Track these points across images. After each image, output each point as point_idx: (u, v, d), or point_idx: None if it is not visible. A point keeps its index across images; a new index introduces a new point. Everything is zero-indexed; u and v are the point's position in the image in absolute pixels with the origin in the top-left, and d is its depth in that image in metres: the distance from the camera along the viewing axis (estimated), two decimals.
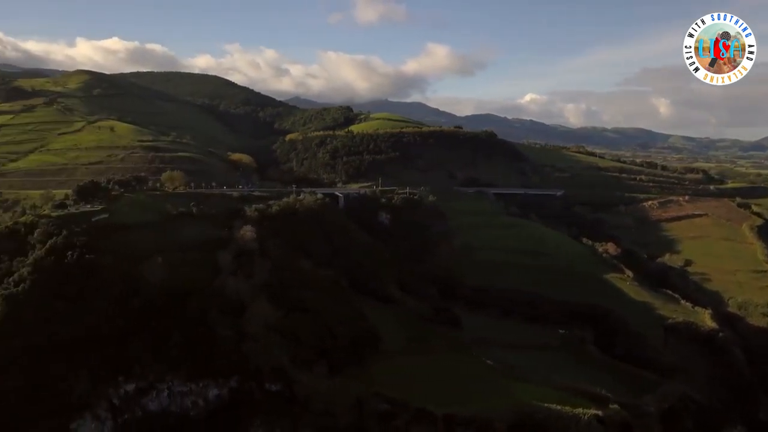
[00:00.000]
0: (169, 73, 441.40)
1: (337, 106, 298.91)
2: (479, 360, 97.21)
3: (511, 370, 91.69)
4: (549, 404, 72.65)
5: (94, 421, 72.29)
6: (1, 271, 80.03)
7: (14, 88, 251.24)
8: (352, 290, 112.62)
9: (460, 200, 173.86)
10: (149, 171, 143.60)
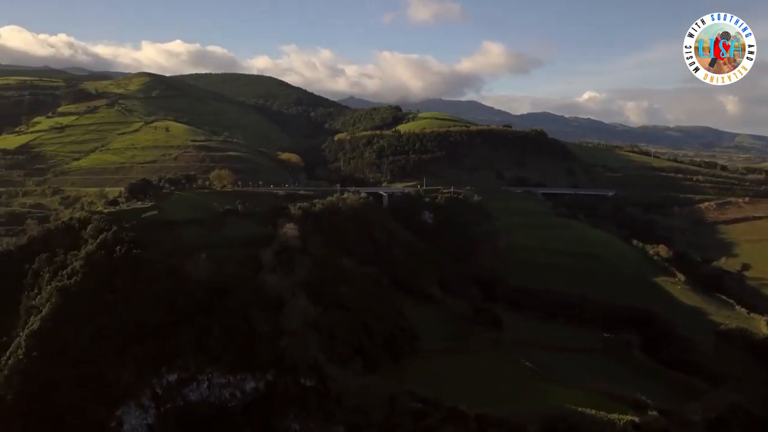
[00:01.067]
0: (225, 75, 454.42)
1: (386, 106, 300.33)
2: (518, 361, 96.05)
3: (549, 372, 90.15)
4: (584, 408, 71.04)
5: (138, 409, 75.53)
6: (56, 264, 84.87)
7: (80, 90, 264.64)
8: (393, 288, 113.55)
9: (506, 200, 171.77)
10: (200, 170, 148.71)
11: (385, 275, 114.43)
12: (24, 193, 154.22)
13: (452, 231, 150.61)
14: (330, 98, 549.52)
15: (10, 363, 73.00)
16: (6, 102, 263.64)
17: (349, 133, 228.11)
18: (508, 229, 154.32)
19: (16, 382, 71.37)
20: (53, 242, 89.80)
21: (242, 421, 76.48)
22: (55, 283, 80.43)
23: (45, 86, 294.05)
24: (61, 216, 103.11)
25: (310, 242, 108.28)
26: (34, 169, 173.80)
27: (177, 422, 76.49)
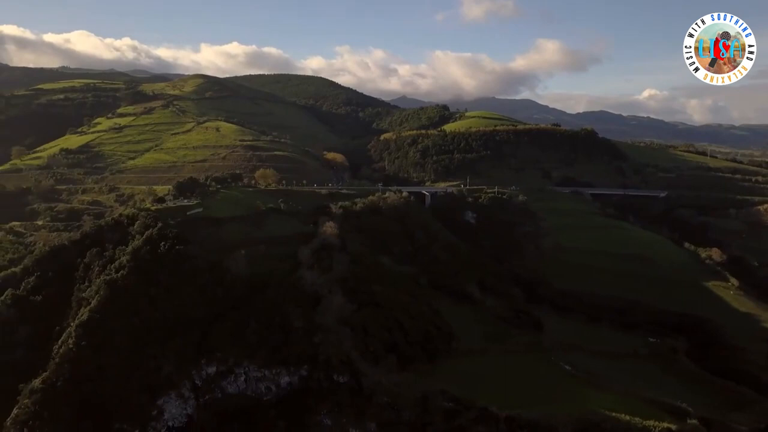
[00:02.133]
0: (279, 75, 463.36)
1: (434, 105, 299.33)
2: (556, 364, 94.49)
3: (588, 376, 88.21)
4: (619, 414, 69.36)
5: (178, 399, 78.19)
6: (105, 258, 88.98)
7: (138, 92, 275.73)
8: (431, 288, 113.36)
9: (553, 200, 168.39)
10: (247, 169, 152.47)
11: (424, 275, 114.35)
12: (83, 191, 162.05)
13: (495, 231, 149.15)
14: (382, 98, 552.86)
15: (61, 351, 77.01)
16: (71, 104, 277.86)
17: (395, 133, 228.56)
18: (553, 229, 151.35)
19: (66, 369, 75.18)
20: (103, 238, 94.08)
21: (276, 414, 78.03)
22: (104, 277, 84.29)
23: (107, 88, 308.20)
24: (114, 213, 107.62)
25: (349, 240, 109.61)
26: (93, 168, 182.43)
27: (215, 413, 78.80)
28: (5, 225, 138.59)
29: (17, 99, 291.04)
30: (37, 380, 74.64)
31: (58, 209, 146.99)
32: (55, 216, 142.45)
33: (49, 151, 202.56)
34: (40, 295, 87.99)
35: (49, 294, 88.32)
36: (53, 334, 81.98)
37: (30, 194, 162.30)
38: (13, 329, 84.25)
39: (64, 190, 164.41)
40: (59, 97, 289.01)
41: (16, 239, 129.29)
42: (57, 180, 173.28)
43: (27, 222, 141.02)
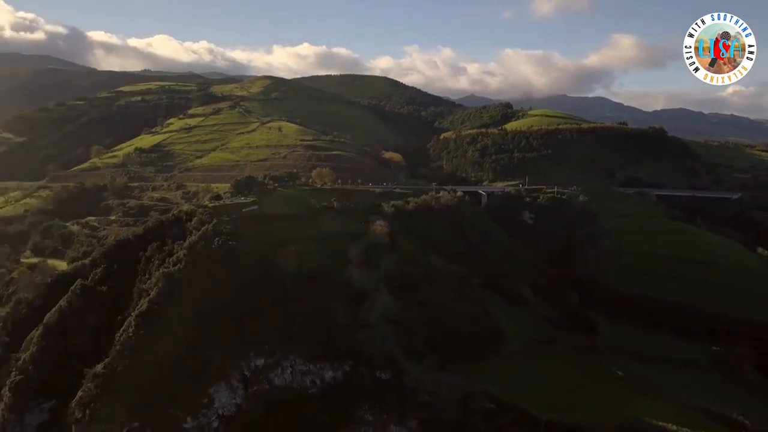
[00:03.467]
0: (344, 76, 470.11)
1: (497, 104, 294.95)
2: (607, 369, 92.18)
3: (639, 383, 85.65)
4: (666, 423, 66.98)
5: (228, 389, 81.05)
6: (164, 252, 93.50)
7: (208, 93, 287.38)
8: (483, 288, 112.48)
9: (615, 201, 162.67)
10: (305, 168, 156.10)
11: (476, 275, 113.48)
12: (153, 188, 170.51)
13: (553, 232, 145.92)
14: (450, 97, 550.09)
15: (122, 339, 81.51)
16: (147, 105, 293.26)
17: (455, 132, 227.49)
18: (614, 231, 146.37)
19: (125, 356, 79.45)
20: (164, 233, 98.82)
21: (320, 407, 79.77)
22: (162, 270, 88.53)
23: (180, 90, 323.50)
24: (174, 209, 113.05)
25: (399, 239, 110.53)
26: (164, 166, 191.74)
27: (262, 403, 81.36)
28: (82, 219, 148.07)
29: (99, 101, 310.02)
30: (100, 365, 79.08)
31: (130, 205, 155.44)
32: (127, 212, 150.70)
33: (125, 150, 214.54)
34: (106, 286, 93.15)
35: (114, 285, 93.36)
36: (116, 323, 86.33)
37: (105, 191, 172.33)
38: (81, 317, 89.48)
39: (136, 187, 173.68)
40: (137, 99, 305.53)
41: (91, 233, 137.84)
42: (130, 178, 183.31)
43: (101, 217, 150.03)
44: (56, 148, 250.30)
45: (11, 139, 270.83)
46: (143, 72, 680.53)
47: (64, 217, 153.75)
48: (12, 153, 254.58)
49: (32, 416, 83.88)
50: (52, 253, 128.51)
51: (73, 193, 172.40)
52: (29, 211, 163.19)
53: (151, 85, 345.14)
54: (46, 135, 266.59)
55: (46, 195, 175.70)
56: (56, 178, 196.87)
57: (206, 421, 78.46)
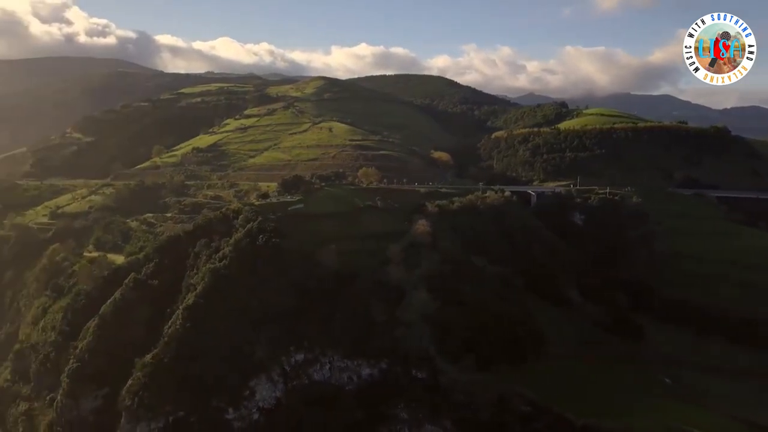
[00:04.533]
0: (399, 76, 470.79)
1: (552, 103, 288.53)
2: (653, 376, 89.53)
3: (688, 391, 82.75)
4: None
5: (268, 382, 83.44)
6: (211, 248, 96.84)
7: (264, 94, 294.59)
8: (526, 290, 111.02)
9: (671, 202, 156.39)
10: (353, 167, 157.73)
11: (520, 276, 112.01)
12: (208, 186, 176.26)
13: (604, 234, 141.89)
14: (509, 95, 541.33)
15: (169, 331, 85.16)
16: (206, 106, 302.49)
17: (507, 131, 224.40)
18: (669, 234, 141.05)
19: (172, 347, 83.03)
20: (212, 229, 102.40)
21: (356, 403, 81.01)
22: (209, 265, 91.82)
23: (238, 91, 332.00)
24: (222, 207, 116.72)
25: (441, 239, 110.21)
26: (219, 165, 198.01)
27: (301, 398, 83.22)
28: (141, 216, 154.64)
29: (162, 102, 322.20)
30: (149, 356, 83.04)
31: (185, 203, 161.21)
32: (182, 209, 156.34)
33: (183, 150, 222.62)
34: (157, 280, 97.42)
35: (164, 279, 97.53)
36: (165, 315, 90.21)
37: (164, 189, 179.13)
38: (133, 309, 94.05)
39: (192, 186, 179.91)
40: (197, 100, 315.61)
41: (148, 229, 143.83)
42: (187, 176, 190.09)
43: (158, 214, 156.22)
44: (121, 147, 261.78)
45: (81, 139, 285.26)
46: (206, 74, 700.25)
47: (125, 213, 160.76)
48: (81, 152, 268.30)
49: (87, 401, 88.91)
50: (112, 248, 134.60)
51: (134, 190, 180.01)
52: (93, 207, 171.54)
53: (211, 87, 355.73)
54: (113, 135, 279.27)
55: (110, 192, 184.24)
56: (119, 177, 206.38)
57: (247, 413, 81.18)
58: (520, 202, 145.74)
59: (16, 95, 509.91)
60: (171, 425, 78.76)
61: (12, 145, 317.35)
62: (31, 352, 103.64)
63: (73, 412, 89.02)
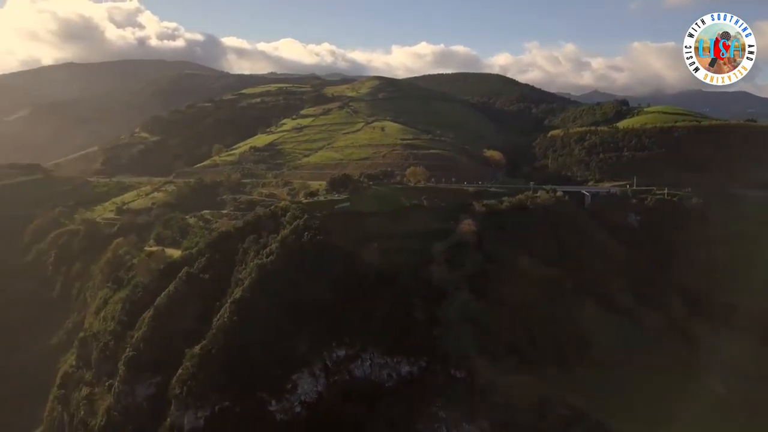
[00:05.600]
0: (456, 74, 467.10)
1: (612, 101, 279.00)
2: (705, 386, 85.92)
3: (739, 401, 79.14)
4: None
5: (310, 376, 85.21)
6: (259, 245, 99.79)
7: (321, 94, 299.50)
8: (575, 293, 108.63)
9: (735, 204, 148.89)
10: (403, 166, 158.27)
11: (569, 279, 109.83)
12: (263, 185, 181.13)
13: (660, 236, 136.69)
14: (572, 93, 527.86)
15: (217, 323, 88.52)
16: (266, 106, 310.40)
17: (563, 130, 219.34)
18: (731, 237, 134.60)
19: (219, 339, 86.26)
20: (261, 226, 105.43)
21: (395, 400, 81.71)
22: (257, 261, 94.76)
23: (296, 92, 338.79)
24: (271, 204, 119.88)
25: (487, 239, 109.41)
26: (274, 164, 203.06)
27: (342, 393, 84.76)
28: (198, 212, 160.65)
29: (224, 103, 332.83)
30: (197, 347, 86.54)
31: (240, 200, 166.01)
32: (237, 206, 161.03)
33: (241, 149, 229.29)
34: (208, 274, 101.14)
35: (215, 273, 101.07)
36: (214, 308, 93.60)
37: (221, 186, 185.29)
38: (185, 301, 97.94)
39: (248, 184, 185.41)
40: (257, 100, 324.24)
41: (204, 225, 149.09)
42: (243, 174, 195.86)
43: (215, 210, 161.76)
44: (184, 146, 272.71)
45: (147, 139, 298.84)
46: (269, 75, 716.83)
47: (185, 209, 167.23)
48: (147, 151, 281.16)
49: (141, 388, 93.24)
50: (171, 243, 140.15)
51: (194, 188, 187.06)
52: (155, 204, 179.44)
53: (271, 87, 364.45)
54: (177, 134, 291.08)
55: (171, 189, 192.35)
56: (181, 174, 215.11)
57: (289, 406, 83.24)
58: (573, 203, 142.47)
59: (93, 97, 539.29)
60: (217, 414, 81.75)
61: (88, 145, 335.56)
62: (92, 340, 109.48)
63: (129, 398, 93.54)
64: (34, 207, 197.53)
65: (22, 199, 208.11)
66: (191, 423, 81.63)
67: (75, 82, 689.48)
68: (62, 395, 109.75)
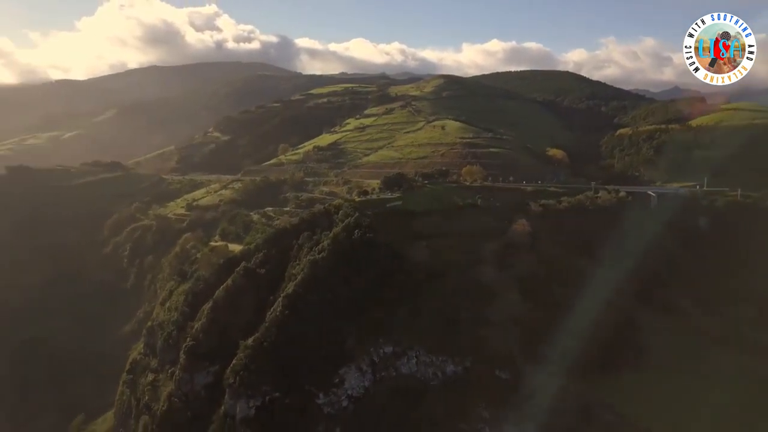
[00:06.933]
0: (524, 72, 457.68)
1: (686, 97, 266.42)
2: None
3: None
4: None
5: (357, 371, 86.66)
6: (313, 241, 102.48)
7: (384, 94, 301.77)
8: (632, 297, 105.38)
9: None
10: (461, 165, 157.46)
11: (626, 282, 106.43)
12: (324, 183, 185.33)
13: (730, 240, 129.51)
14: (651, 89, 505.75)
15: (270, 317, 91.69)
16: (331, 106, 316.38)
17: (632, 128, 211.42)
18: None
19: (272, 332, 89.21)
20: (315, 223, 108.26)
21: (438, 398, 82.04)
22: (309, 257, 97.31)
23: (361, 92, 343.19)
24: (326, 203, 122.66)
25: (541, 239, 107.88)
26: (336, 163, 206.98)
27: (388, 389, 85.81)
28: (262, 210, 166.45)
29: (292, 103, 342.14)
30: (251, 339, 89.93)
31: (302, 198, 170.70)
32: (298, 204, 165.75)
33: (306, 148, 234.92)
34: (264, 269, 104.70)
35: (270, 268, 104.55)
36: (268, 302, 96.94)
37: (285, 184, 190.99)
38: (242, 295, 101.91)
39: (310, 182, 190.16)
40: (323, 100, 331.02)
41: (267, 221, 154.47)
42: (306, 173, 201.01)
43: (277, 208, 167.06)
44: (252, 145, 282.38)
45: (219, 138, 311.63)
46: (340, 75, 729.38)
47: (249, 206, 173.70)
48: (218, 150, 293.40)
49: (200, 377, 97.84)
50: (234, 239, 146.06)
51: (259, 185, 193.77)
52: (223, 200, 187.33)
53: (337, 88, 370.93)
54: (246, 134, 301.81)
55: (238, 187, 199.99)
56: (248, 173, 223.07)
57: (337, 400, 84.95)
58: (637, 204, 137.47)
59: (173, 99, 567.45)
60: (267, 404, 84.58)
61: (166, 144, 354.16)
62: (158, 329, 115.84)
63: (188, 385, 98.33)
64: (114, 203, 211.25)
65: (103, 195, 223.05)
66: (243, 412, 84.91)
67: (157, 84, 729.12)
68: (130, 380, 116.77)
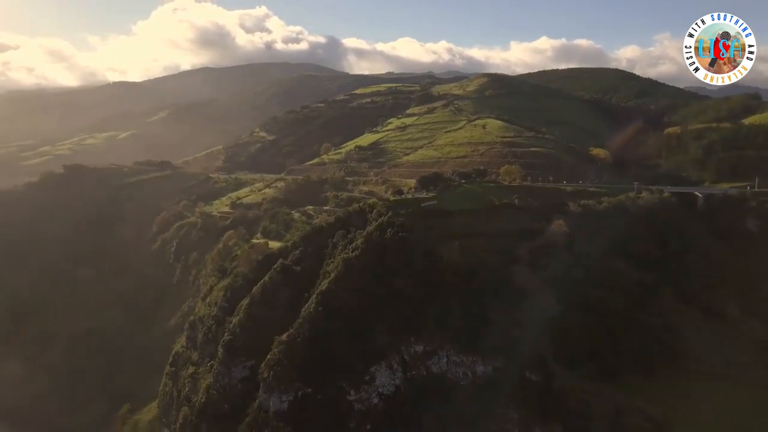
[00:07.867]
0: (570, 69, 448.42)
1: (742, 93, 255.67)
2: None
3: None
4: None
5: (388, 369, 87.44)
6: (347, 240, 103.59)
7: (427, 94, 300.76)
8: (673, 300, 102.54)
9: None
10: (500, 165, 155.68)
11: (667, 285, 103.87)
12: (364, 182, 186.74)
13: None
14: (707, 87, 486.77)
15: (304, 313, 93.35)
16: (374, 106, 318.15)
17: (680, 127, 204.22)
18: None
19: (305, 328, 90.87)
20: (350, 222, 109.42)
21: (468, 398, 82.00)
22: (343, 255, 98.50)
23: (404, 91, 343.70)
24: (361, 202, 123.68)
25: (579, 240, 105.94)
26: (376, 162, 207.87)
27: (418, 388, 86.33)
28: (302, 208, 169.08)
29: (336, 103, 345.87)
30: (284, 335, 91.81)
31: (342, 197, 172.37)
32: (338, 202, 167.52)
33: (348, 148, 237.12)
34: (300, 266, 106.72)
35: (306, 266, 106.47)
36: (303, 299, 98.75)
37: (326, 183, 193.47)
38: (278, 291, 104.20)
39: (350, 181, 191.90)
40: (367, 100, 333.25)
41: (306, 219, 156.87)
42: (347, 172, 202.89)
43: (317, 206, 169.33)
44: (296, 145, 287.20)
45: (264, 138, 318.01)
46: (386, 75, 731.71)
47: (291, 205, 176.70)
48: (263, 149, 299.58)
49: (237, 370, 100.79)
50: (275, 236, 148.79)
51: (301, 184, 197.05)
52: (265, 199, 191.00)
53: (381, 87, 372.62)
54: (290, 134, 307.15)
55: (281, 186, 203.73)
56: (291, 172, 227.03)
57: (367, 397, 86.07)
58: (682, 204, 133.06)
59: (223, 99, 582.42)
60: (300, 399, 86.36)
61: (215, 143, 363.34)
62: (199, 323, 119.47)
63: (226, 378, 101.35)
64: (163, 200, 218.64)
65: (153, 193, 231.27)
66: (276, 406, 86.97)
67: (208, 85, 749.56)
68: (173, 372, 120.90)
